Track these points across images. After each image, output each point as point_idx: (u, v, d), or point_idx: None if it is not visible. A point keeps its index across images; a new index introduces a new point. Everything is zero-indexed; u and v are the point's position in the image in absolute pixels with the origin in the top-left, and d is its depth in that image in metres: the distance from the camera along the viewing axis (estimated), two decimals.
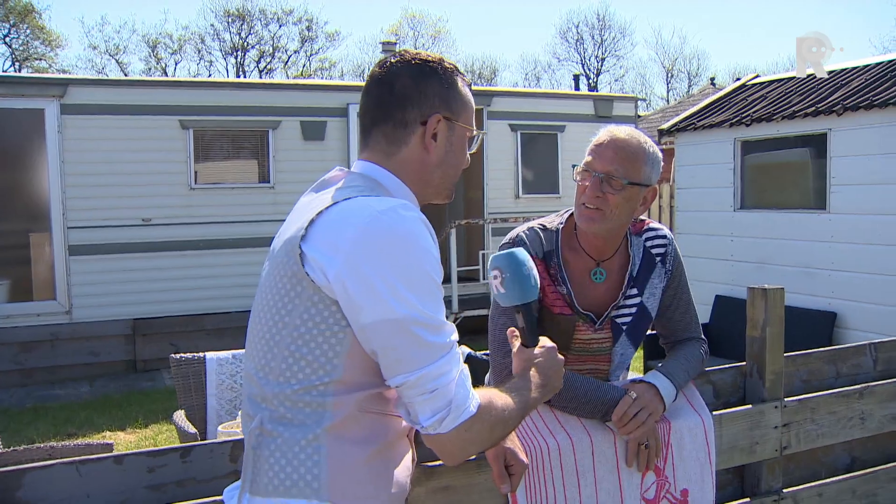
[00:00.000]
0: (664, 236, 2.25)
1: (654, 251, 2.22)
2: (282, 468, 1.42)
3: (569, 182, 10.47)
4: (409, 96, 1.55)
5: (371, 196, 1.46)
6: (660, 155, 2.10)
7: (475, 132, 1.65)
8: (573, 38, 40.21)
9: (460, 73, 1.62)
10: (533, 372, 1.63)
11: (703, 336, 2.32)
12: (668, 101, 39.86)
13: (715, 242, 7.33)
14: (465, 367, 1.45)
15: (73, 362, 8.37)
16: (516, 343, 1.71)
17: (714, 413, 2.27)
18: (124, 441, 6.22)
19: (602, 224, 2.05)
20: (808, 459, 2.62)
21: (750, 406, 2.41)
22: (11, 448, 3.63)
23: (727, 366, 2.49)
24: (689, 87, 40.47)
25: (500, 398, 1.50)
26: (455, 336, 1.44)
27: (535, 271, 1.68)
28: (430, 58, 1.58)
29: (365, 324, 1.38)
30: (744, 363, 2.48)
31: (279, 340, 1.44)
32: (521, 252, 1.69)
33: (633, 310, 2.19)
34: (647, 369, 6.18)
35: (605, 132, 2.08)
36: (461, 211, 11.40)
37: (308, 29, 35.91)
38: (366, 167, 1.58)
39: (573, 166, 2.12)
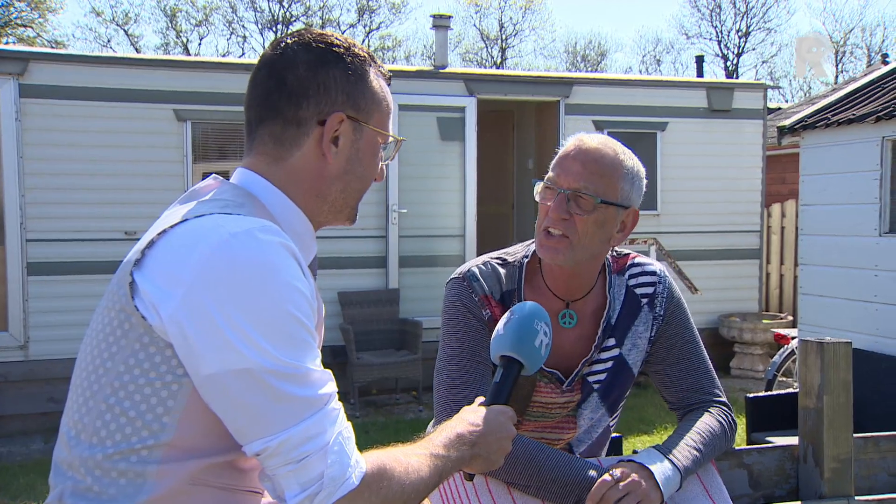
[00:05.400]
0: (653, 272, 2.31)
1: (638, 291, 2.28)
2: None
3: (670, 196, 10.29)
4: (304, 89, 1.59)
5: (232, 214, 1.48)
6: (643, 171, 2.20)
7: (391, 137, 1.69)
8: (707, 6, 39.17)
9: (375, 62, 1.67)
10: (465, 428, 1.65)
11: (723, 399, 2.29)
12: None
13: (852, 278, 7.02)
14: (347, 427, 1.44)
15: (26, 411, 8.51)
16: (479, 398, 1.83)
17: None
18: None
19: (568, 255, 2.12)
20: None
21: (799, 502, 2.27)
22: None
23: (770, 445, 2.37)
24: (869, 66, 38.85)
25: (400, 463, 1.50)
26: (331, 388, 1.44)
27: (548, 339, 1.87)
28: (335, 41, 1.63)
29: (207, 375, 1.40)
30: (796, 443, 2.34)
31: (97, 391, 1.46)
32: (546, 315, 1.90)
33: (609, 364, 2.24)
34: (750, 442, 5.91)
35: (573, 141, 2.17)
36: (530, 229, 11.26)
37: None
38: (243, 177, 1.63)
39: (534, 182, 2.20)
